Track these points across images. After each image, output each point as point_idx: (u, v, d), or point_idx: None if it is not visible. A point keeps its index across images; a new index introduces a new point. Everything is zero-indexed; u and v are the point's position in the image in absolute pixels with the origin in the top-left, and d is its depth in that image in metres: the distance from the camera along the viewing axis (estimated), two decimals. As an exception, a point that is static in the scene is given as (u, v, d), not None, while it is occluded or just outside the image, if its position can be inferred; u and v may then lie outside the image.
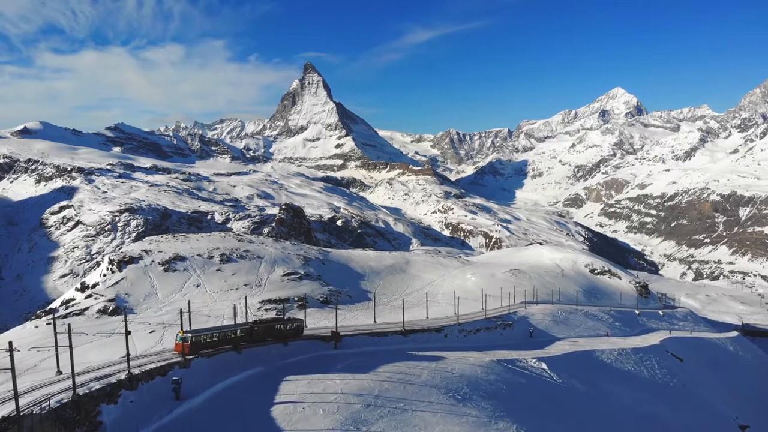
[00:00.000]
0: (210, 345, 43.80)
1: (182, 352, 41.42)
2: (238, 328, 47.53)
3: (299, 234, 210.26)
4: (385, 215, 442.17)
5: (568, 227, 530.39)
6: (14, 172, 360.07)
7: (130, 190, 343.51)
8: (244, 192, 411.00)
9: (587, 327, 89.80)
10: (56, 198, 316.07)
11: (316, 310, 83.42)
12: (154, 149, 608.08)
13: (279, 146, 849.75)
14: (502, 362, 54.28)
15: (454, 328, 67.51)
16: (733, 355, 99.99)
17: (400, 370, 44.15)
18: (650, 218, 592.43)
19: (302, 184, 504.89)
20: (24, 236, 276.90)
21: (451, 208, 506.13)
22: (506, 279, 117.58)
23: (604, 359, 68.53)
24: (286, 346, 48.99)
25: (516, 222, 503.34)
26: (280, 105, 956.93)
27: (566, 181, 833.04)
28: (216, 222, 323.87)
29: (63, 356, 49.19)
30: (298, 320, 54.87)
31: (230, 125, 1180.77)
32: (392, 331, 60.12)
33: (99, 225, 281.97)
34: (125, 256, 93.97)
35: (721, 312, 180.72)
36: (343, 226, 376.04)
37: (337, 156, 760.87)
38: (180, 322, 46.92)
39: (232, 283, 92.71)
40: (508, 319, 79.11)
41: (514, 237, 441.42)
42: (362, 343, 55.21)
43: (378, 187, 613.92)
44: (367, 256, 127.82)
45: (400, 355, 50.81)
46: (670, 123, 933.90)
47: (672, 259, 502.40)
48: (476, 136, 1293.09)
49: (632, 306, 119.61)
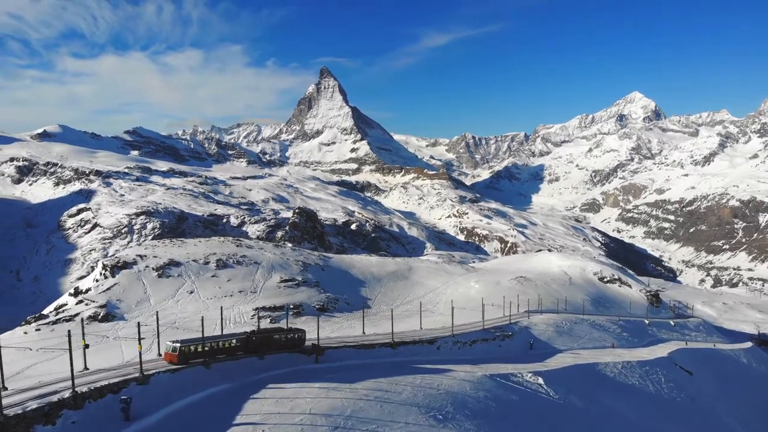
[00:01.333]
0: (201, 355, 42.60)
1: (171, 361, 40.81)
2: (234, 337, 46.13)
3: (312, 238, 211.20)
4: (399, 219, 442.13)
5: (584, 232, 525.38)
6: (33, 175, 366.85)
7: (147, 193, 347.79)
8: (260, 195, 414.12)
9: (592, 338, 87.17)
10: (74, 201, 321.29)
11: (312, 318, 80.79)
12: (171, 153, 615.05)
13: (295, 150, 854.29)
14: (495, 377, 51.41)
15: (448, 340, 64.52)
16: (746, 367, 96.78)
17: (380, 386, 41.37)
18: (668, 224, 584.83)
19: (317, 188, 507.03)
20: (42, 238, 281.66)
21: (465, 213, 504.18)
22: (511, 287, 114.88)
23: (608, 373, 65.76)
24: (261, 360, 46.14)
25: (532, 227, 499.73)
26: (297, 109, 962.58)
27: (583, 186, 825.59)
28: (231, 225, 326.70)
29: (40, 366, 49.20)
30: (299, 330, 53.24)
31: (247, 129, 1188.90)
32: (380, 344, 57.21)
33: (116, 227, 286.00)
34: (119, 261, 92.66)
35: (738, 320, 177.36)
36: (357, 230, 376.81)
37: (352, 160, 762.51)
38: (157, 330, 45.43)
39: (226, 289, 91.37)
40: (508, 330, 76.28)
41: (529, 242, 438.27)
42: (346, 356, 52.42)
43: (392, 191, 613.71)
44: (369, 262, 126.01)
45: (385, 369, 48.20)
46: (688, 128, 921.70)
47: (690, 266, 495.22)
48: (492, 140, 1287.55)
49: (642, 315, 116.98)
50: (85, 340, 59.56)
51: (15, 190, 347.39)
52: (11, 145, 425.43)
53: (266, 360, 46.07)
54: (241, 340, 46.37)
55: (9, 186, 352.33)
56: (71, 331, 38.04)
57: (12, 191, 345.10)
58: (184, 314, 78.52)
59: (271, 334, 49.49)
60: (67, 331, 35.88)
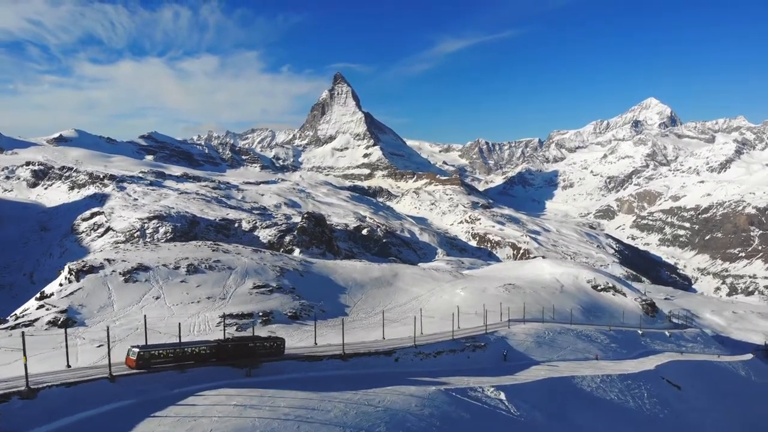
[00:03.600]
0: (165, 361, 40.94)
1: (130, 366, 39.92)
2: (205, 344, 44.69)
3: (321, 242, 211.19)
4: (410, 225, 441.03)
5: (598, 239, 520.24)
6: (49, 179, 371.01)
7: (160, 197, 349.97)
8: (272, 200, 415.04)
9: (575, 349, 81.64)
10: (88, 204, 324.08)
11: (282, 326, 77.37)
12: (186, 158, 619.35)
13: (308, 155, 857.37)
14: (451, 391, 46.14)
15: (409, 351, 59.67)
16: (744, 380, 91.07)
17: (308, 403, 36.52)
18: (683, 231, 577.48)
19: (329, 192, 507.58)
20: (56, 242, 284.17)
21: (478, 219, 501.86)
22: (498, 294, 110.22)
23: (584, 387, 60.12)
24: (183, 374, 41.20)
25: (545, 233, 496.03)
26: (310, 115, 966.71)
27: (597, 193, 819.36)
28: (243, 230, 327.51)
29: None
30: (278, 338, 51.23)
31: (261, 135, 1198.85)
32: (328, 355, 52.63)
33: (128, 231, 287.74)
34: (85, 265, 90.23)
35: (747, 330, 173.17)
36: (368, 235, 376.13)
37: (365, 165, 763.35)
38: (107, 338, 41.22)
39: (194, 295, 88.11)
40: (482, 340, 71.25)
41: (542, 248, 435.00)
42: (287, 369, 47.45)
43: (404, 196, 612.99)
44: (353, 268, 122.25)
45: (328, 383, 43.77)
46: (704, 134, 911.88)
47: (706, 273, 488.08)
48: (506, 145, 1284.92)
49: (635, 325, 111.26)
50: (44, 346, 57.44)
51: (30, 194, 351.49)
52: (28, 150, 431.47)
53: (188, 373, 41.27)
54: (214, 348, 44.62)
55: (25, 190, 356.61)
56: (25, 332, 36.11)
57: (27, 195, 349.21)
58: (148, 321, 74.32)
59: (246, 342, 47.33)
60: (21, 333, 33.60)
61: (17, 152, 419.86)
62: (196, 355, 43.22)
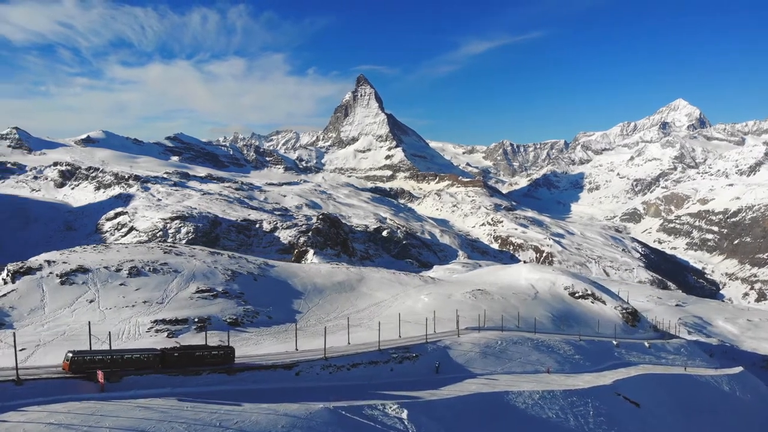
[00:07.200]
0: (101, 367, 39.84)
1: (65, 369, 39.72)
2: (147, 352, 43.54)
3: (336, 244, 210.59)
4: (431, 227, 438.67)
5: (624, 243, 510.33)
6: (75, 179, 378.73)
7: (184, 198, 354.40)
8: (294, 201, 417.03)
9: (528, 361, 74.87)
10: (113, 204, 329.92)
11: (219, 333, 72.25)
12: (211, 159, 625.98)
13: (330, 157, 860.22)
14: (341, 410, 40.31)
15: (316, 364, 54.01)
16: (725, 396, 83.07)
17: (141, 424, 31.14)
18: (712, 235, 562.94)
19: (350, 194, 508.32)
20: (81, 241, 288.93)
21: (500, 221, 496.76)
22: (463, 301, 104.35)
23: (518, 404, 54.11)
24: (19, 387, 36.60)
25: (569, 236, 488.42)
26: (333, 117, 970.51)
27: (624, 195, 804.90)
28: (264, 230, 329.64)
29: None
30: (227, 347, 49.30)
31: (286, 137, 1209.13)
32: (210, 369, 47.51)
33: (151, 231, 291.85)
34: (23, 267, 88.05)
35: (761, 339, 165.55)
36: (388, 236, 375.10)
37: (387, 167, 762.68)
38: (13, 342, 40.14)
39: (130, 299, 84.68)
40: (417, 351, 65.11)
41: (566, 252, 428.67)
42: (153, 383, 41.62)
43: (426, 198, 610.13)
44: (317, 272, 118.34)
45: (193, 402, 37.99)
46: (734, 136, 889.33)
47: (734, 279, 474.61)
48: (531, 147, 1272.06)
49: (610, 335, 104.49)
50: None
51: (58, 194, 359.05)
52: (56, 150, 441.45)
53: (26, 386, 36.67)
54: (156, 356, 43.34)
55: (52, 189, 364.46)
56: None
57: (55, 195, 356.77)
58: (78, 324, 73.11)
59: (194, 351, 45.97)
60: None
61: (46, 153, 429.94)
62: (135, 362, 42.10)
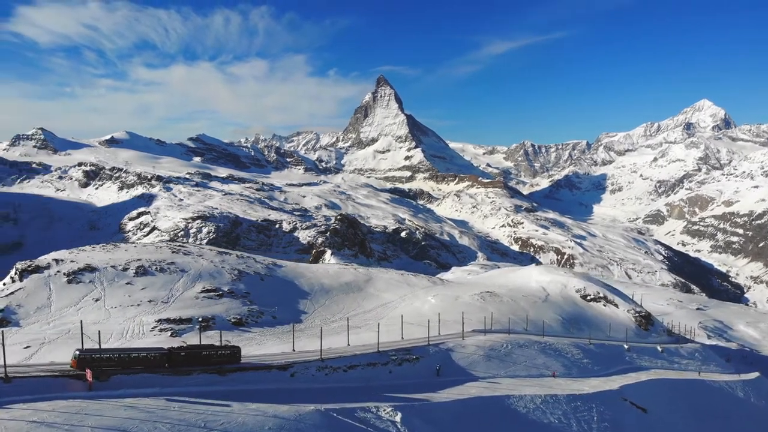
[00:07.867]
0: (108, 365, 40.00)
1: (73, 367, 39.89)
2: (155, 351, 43.86)
3: (353, 244, 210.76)
4: (450, 228, 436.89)
5: (647, 245, 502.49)
6: (99, 179, 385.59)
7: (205, 198, 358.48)
8: (313, 202, 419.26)
9: (533, 364, 72.20)
10: (136, 204, 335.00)
11: (223, 332, 71.65)
12: (232, 160, 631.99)
13: (350, 158, 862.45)
14: (332, 412, 39.29)
15: (311, 365, 52.90)
16: (740, 402, 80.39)
17: (125, 424, 30.46)
18: (736, 237, 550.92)
19: (369, 195, 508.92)
20: (103, 241, 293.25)
21: (521, 222, 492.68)
22: (471, 303, 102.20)
23: (519, 408, 52.91)
24: (8, 384, 36.04)
25: (591, 238, 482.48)
26: (353, 118, 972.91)
27: (647, 197, 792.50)
28: (284, 230, 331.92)
29: None
30: (233, 347, 49.37)
31: (306, 137, 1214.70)
32: (200, 369, 46.50)
33: (173, 231, 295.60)
34: (31, 265, 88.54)
35: None
36: (407, 237, 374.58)
37: (406, 168, 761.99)
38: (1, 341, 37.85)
39: (136, 298, 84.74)
40: (418, 353, 63.93)
41: (587, 254, 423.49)
42: (145, 383, 40.45)
43: (445, 199, 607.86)
44: (324, 272, 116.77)
45: (183, 400, 36.83)
46: (760, 137, 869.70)
47: (759, 282, 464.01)
48: (552, 148, 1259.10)
49: (622, 339, 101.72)
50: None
51: (82, 194, 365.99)
52: (80, 151, 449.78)
53: (13, 383, 36.01)
54: (163, 355, 43.63)
55: (76, 189, 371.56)
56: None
57: (79, 194, 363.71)
58: (84, 323, 72.16)
59: (201, 350, 46.22)
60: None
61: (70, 153, 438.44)
62: (143, 361, 42.35)
